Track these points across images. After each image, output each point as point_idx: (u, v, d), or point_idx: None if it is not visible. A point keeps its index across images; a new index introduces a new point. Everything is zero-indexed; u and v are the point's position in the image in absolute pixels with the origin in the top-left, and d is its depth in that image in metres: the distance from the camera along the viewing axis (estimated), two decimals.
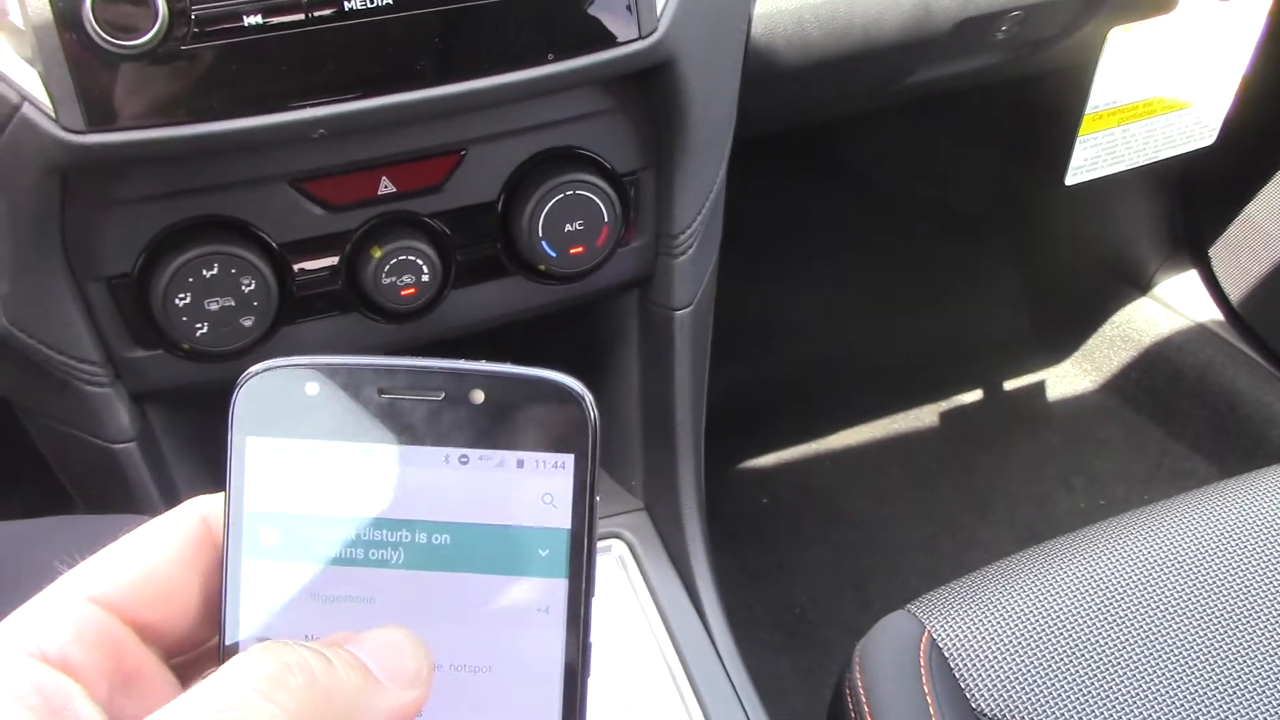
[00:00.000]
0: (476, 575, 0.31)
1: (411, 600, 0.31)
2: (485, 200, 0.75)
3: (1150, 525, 0.88)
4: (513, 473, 0.31)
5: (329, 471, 0.31)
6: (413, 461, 0.31)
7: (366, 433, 0.31)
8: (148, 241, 0.68)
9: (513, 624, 0.31)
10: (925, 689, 0.80)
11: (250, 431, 0.31)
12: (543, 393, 0.31)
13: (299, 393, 0.31)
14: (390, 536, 0.31)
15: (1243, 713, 0.79)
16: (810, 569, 1.47)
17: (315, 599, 0.31)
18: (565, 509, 0.31)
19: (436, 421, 0.31)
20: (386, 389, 0.31)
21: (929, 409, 1.67)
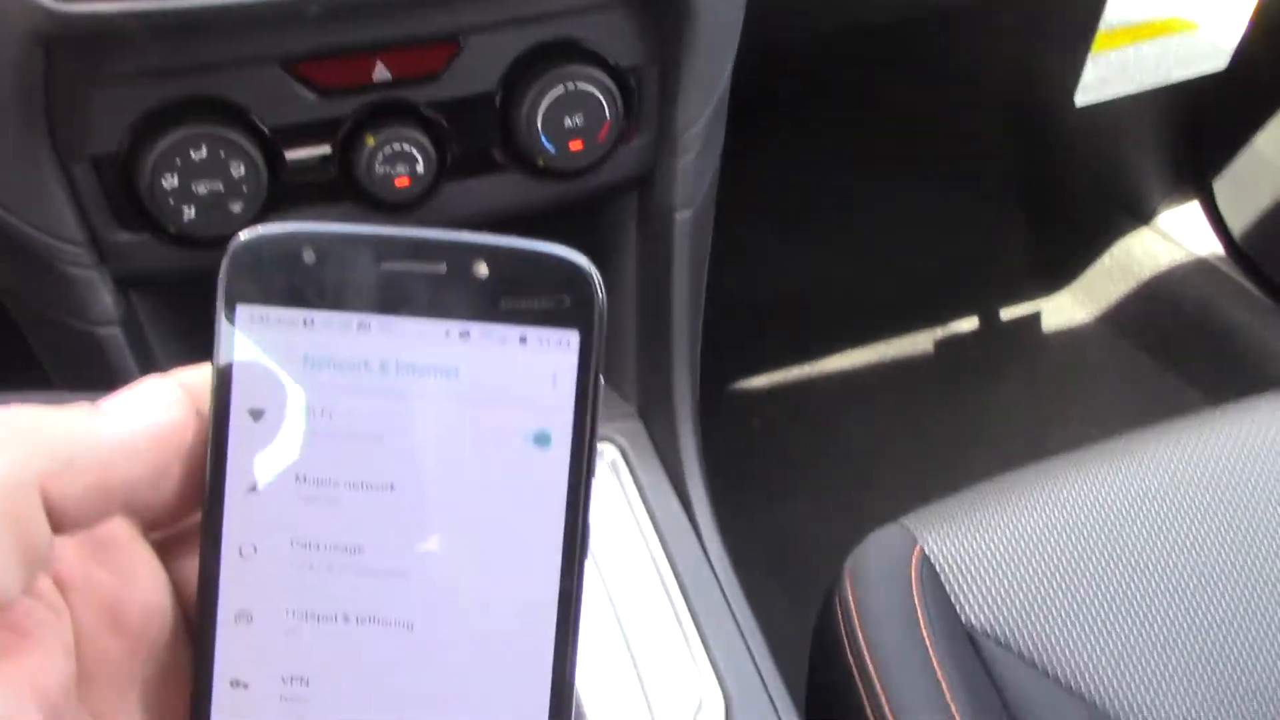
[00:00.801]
0: (474, 450, 0.30)
1: (405, 474, 0.30)
2: (484, 91, 0.73)
3: (1145, 449, 0.88)
4: (515, 348, 0.30)
5: (323, 343, 0.30)
6: (411, 334, 0.30)
7: (363, 304, 0.30)
8: (134, 120, 0.66)
9: (510, 503, 0.30)
10: (915, 601, 0.80)
11: (241, 298, 0.30)
12: (549, 268, 0.30)
13: (294, 260, 0.30)
14: (385, 409, 0.30)
15: (1232, 633, 0.79)
16: (802, 491, 1.47)
17: (303, 475, 0.30)
18: (569, 388, 0.30)
19: (437, 294, 0.30)
20: (386, 259, 0.30)
21: (924, 335, 1.66)
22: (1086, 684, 0.77)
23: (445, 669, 0.31)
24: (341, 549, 0.30)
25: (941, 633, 0.78)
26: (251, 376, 0.30)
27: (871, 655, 0.78)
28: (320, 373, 0.30)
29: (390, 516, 0.30)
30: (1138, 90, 1.10)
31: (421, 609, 0.31)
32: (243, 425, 0.30)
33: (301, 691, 0.31)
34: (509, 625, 0.31)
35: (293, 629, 0.31)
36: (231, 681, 0.31)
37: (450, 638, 0.31)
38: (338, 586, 0.30)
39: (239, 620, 0.30)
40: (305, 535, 0.30)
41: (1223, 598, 0.80)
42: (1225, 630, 0.79)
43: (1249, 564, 0.82)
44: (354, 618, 0.31)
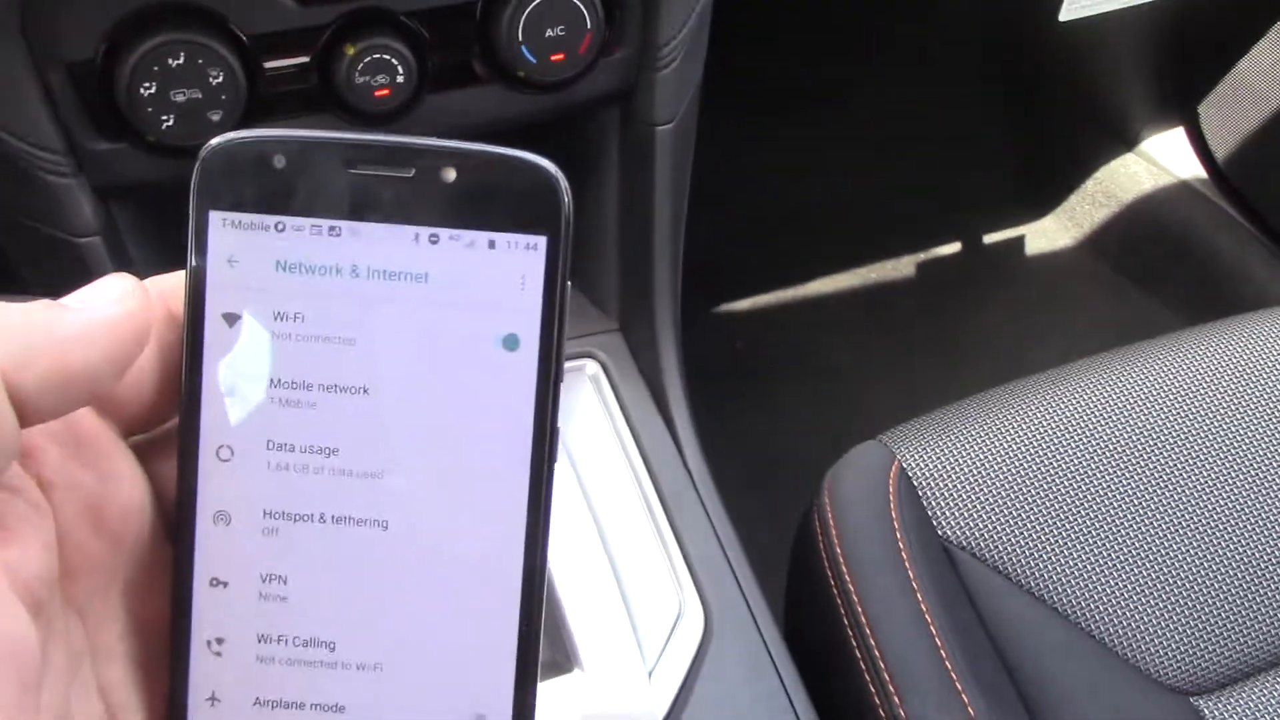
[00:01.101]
0: (444, 354, 0.31)
1: (377, 377, 0.31)
2: (464, 1, 0.73)
3: (1120, 365, 0.88)
4: (484, 252, 0.30)
5: (294, 248, 0.30)
6: (381, 239, 0.30)
7: (333, 209, 0.30)
8: (111, 26, 0.66)
9: (480, 405, 0.31)
10: (893, 515, 0.80)
11: (213, 204, 0.30)
12: (516, 172, 0.30)
13: (265, 166, 0.30)
14: (357, 313, 0.31)
15: (1201, 544, 0.81)
16: (783, 412, 1.48)
17: (278, 379, 0.31)
18: (537, 291, 0.31)
19: (407, 199, 0.30)
20: (355, 164, 0.30)
21: (907, 259, 1.66)
22: (1057, 595, 0.79)
23: (419, 566, 0.31)
24: (316, 451, 0.31)
25: (918, 545, 0.79)
26: (224, 282, 0.30)
27: (849, 567, 0.79)
28: (292, 278, 0.30)
29: (364, 418, 0.31)
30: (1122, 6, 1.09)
31: (395, 508, 0.31)
32: (217, 330, 0.30)
33: (279, 588, 0.31)
34: (480, 523, 0.31)
35: (270, 529, 0.31)
36: (211, 580, 0.31)
37: (424, 535, 0.31)
38: (313, 487, 0.31)
39: (217, 520, 0.31)
40: (281, 438, 0.31)
41: (1192, 509, 0.81)
42: (1194, 541, 0.81)
43: (1218, 476, 0.83)
44: (330, 517, 0.31)
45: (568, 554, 0.77)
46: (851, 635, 0.77)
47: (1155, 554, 0.80)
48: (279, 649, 0.31)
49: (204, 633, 0.31)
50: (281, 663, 0.31)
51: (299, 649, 0.31)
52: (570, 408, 0.85)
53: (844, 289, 1.63)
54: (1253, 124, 1.52)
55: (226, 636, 0.31)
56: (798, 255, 1.65)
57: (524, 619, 0.32)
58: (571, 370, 0.88)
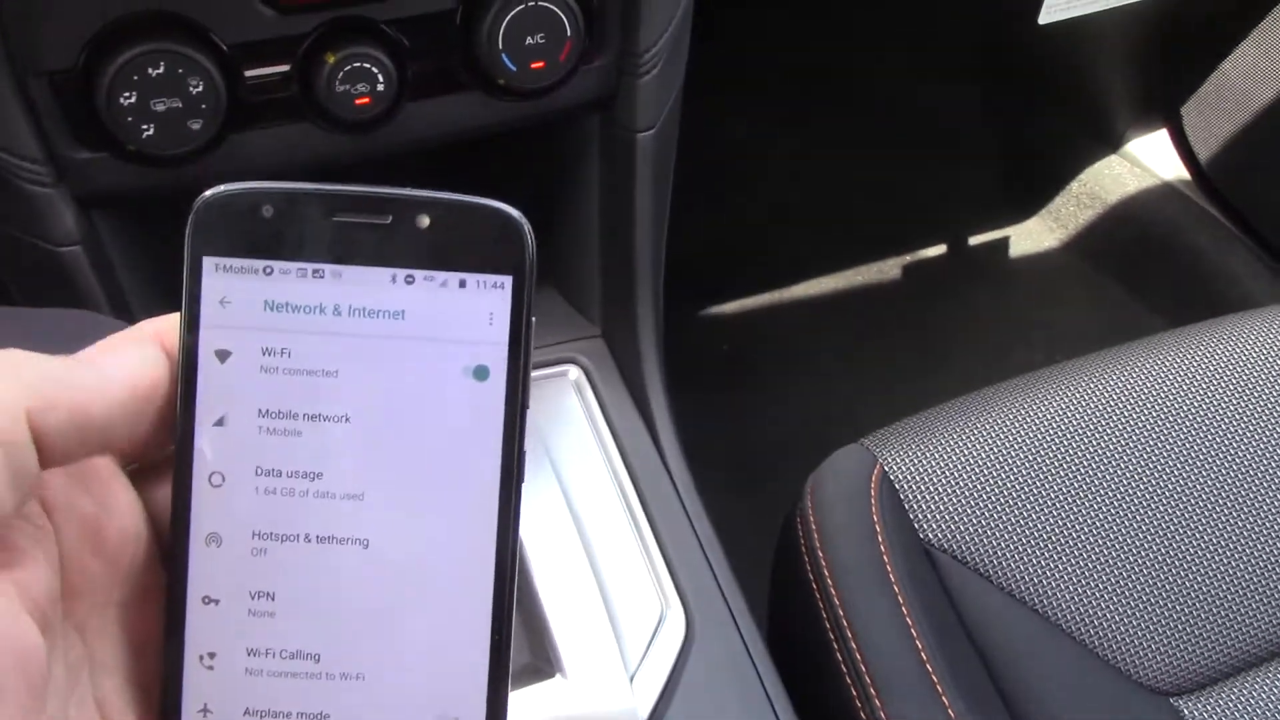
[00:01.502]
0: (420, 384, 0.33)
1: (358, 406, 0.33)
2: (444, 9, 0.73)
3: (1101, 368, 0.89)
4: (455, 291, 0.33)
5: (281, 289, 0.33)
6: (362, 280, 0.33)
7: (318, 253, 0.33)
8: (91, 36, 0.66)
9: (453, 431, 0.34)
10: (874, 518, 0.81)
11: (206, 251, 0.33)
12: (484, 219, 0.33)
13: (254, 215, 0.33)
14: (339, 349, 0.33)
15: (1180, 546, 0.81)
16: (768, 414, 1.48)
17: (266, 410, 0.33)
18: (504, 326, 0.33)
19: (384, 243, 0.33)
20: (337, 212, 0.33)
21: (892, 261, 1.67)
22: (1038, 597, 0.79)
23: (398, 580, 0.34)
24: (302, 475, 0.33)
25: (899, 548, 0.80)
26: (217, 322, 0.33)
27: (831, 571, 0.80)
28: (280, 316, 0.33)
29: (346, 445, 0.33)
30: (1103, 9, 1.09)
31: (375, 528, 0.33)
32: (210, 366, 0.33)
33: (267, 605, 0.33)
34: (455, 539, 0.34)
35: (259, 549, 0.33)
36: (203, 598, 0.33)
37: (402, 552, 0.34)
38: (299, 509, 0.33)
39: (209, 542, 0.33)
40: (269, 464, 0.33)
41: (1173, 510, 0.82)
42: (1175, 542, 0.81)
43: (1199, 477, 0.83)
44: (314, 537, 0.33)
45: (550, 559, 0.77)
46: (833, 638, 0.78)
47: (1136, 555, 0.81)
48: (267, 662, 0.34)
49: (196, 648, 0.33)
50: (270, 675, 0.34)
51: (286, 661, 0.34)
52: (553, 413, 0.85)
53: (830, 291, 1.63)
54: (1235, 125, 1.53)
55: (218, 651, 0.33)
56: (784, 257, 1.66)
57: (495, 627, 0.34)
58: (554, 376, 0.88)
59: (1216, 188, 1.58)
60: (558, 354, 0.89)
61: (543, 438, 0.83)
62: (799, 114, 1.66)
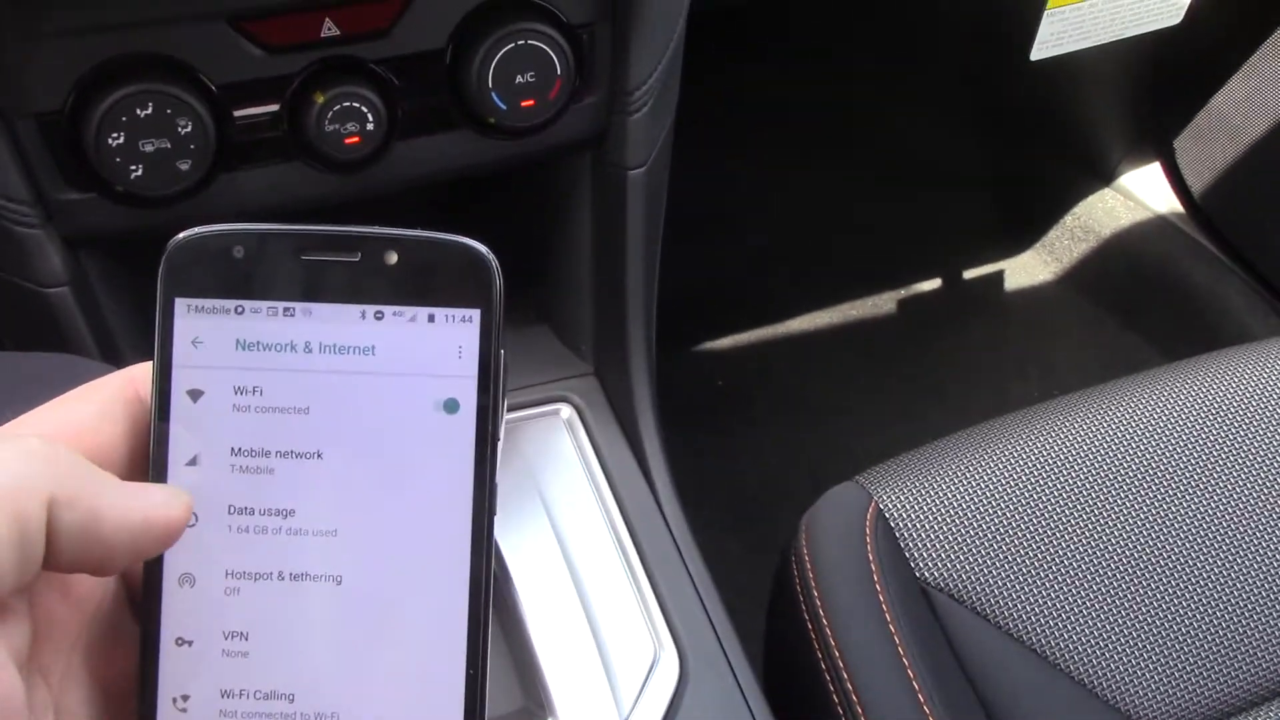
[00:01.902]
0: (391, 418, 0.34)
1: (330, 442, 0.33)
2: (433, 48, 0.73)
3: (1096, 404, 0.88)
4: (424, 326, 0.34)
5: (253, 328, 0.33)
6: (332, 317, 0.33)
7: (288, 292, 0.33)
8: (79, 78, 0.66)
9: (425, 464, 0.34)
10: (870, 557, 0.80)
11: (178, 292, 0.33)
12: (451, 254, 0.34)
13: (225, 256, 0.33)
14: (310, 385, 0.33)
15: (1179, 584, 0.80)
16: (763, 451, 1.48)
17: (238, 448, 0.33)
18: (473, 359, 0.34)
19: (354, 281, 0.33)
20: (307, 251, 0.33)
21: (887, 296, 1.67)
22: (1036, 636, 0.78)
23: (372, 616, 0.34)
24: (275, 513, 0.33)
25: (895, 587, 0.79)
26: (189, 361, 0.33)
27: (826, 610, 0.79)
28: (251, 355, 0.33)
29: (318, 481, 0.33)
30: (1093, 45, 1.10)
31: (349, 564, 0.34)
32: (182, 405, 0.33)
33: (241, 644, 0.33)
34: (428, 573, 0.34)
35: (232, 588, 0.33)
36: (177, 640, 0.33)
37: (376, 588, 0.34)
38: (272, 547, 0.33)
39: (183, 583, 0.33)
40: (241, 502, 0.33)
41: (1172, 548, 0.81)
42: (1174, 580, 0.80)
43: (1198, 514, 0.83)
44: (288, 575, 0.33)
45: (542, 599, 0.76)
46: (828, 678, 0.77)
47: (1135, 593, 0.80)
48: (241, 703, 0.33)
49: (170, 690, 0.33)
50: (244, 716, 0.33)
51: (260, 701, 0.33)
52: (545, 452, 0.85)
53: (825, 325, 1.63)
54: (1228, 158, 1.53)
55: (191, 693, 0.33)
56: (778, 292, 1.66)
57: (470, 662, 0.34)
58: (546, 414, 0.88)
59: (1210, 220, 1.58)
60: (550, 392, 0.88)
61: (535, 477, 0.83)
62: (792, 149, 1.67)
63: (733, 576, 0.88)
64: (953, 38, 1.62)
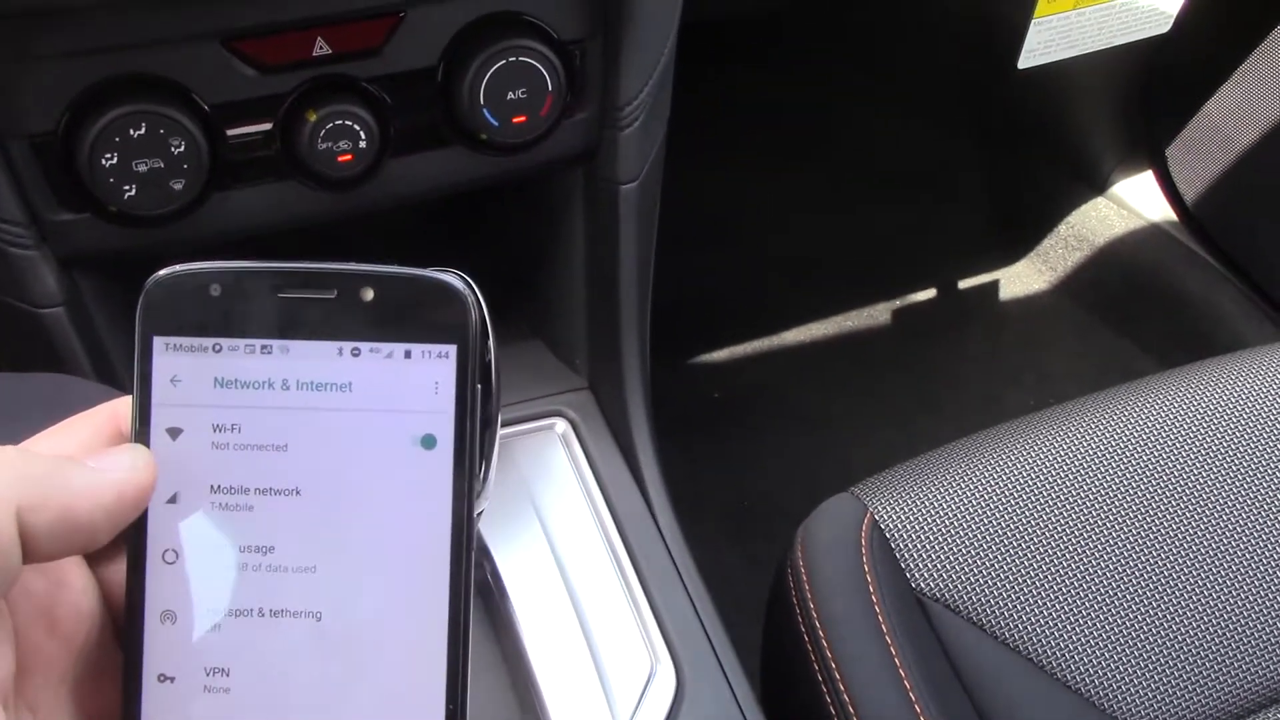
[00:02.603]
0: (368, 454, 0.34)
1: (309, 479, 0.34)
2: (425, 66, 0.73)
3: (1091, 412, 0.89)
4: (401, 362, 0.34)
5: (230, 366, 0.34)
6: (309, 354, 0.34)
7: (265, 329, 0.34)
8: (72, 99, 0.66)
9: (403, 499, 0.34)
10: (866, 568, 0.80)
11: (156, 331, 0.33)
12: (427, 290, 0.34)
13: (202, 294, 0.33)
14: (288, 422, 0.34)
15: (1175, 591, 0.80)
16: (759, 462, 1.48)
17: (217, 485, 0.34)
18: (449, 394, 0.34)
19: (330, 318, 0.34)
20: (283, 288, 0.34)
21: (882, 306, 1.67)
22: (1033, 646, 0.79)
23: (352, 652, 0.34)
24: (254, 549, 0.34)
25: (891, 598, 0.79)
26: (167, 400, 0.34)
27: (822, 621, 0.79)
28: (229, 392, 0.34)
29: (297, 518, 0.34)
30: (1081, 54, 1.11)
31: (328, 600, 0.34)
32: (161, 443, 0.34)
33: (222, 681, 0.34)
34: (407, 608, 0.34)
35: (213, 624, 0.34)
36: (159, 676, 0.34)
37: (355, 623, 0.34)
38: (252, 584, 0.34)
39: (164, 620, 0.34)
40: (221, 539, 0.34)
41: (1169, 557, 0.81)
42: (1172, 589, 0.81)
43: (1194, 522, 0.83)
44: (267, 611, 0.34)
45: (537, 615, 0.76)
46: (825, 690, 0.77)
47: (1131, 601, 0.80)
48: None
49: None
50: None
51: None
52: (540, 466, 0.85)
53: (820, 336, 1.63)
54: (1220, 166, 1.54)
55: None
56: (774, 303, 1.66)
57: (449, 696, 0.34)
58: (541, 429, 0.88)
59: (1203, 228, 1.59)
60: (544, 407, 0.88)
61: (530, 491, 0.83)
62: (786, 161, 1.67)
63: (729, 588, 0.88)
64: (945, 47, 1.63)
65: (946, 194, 1.77)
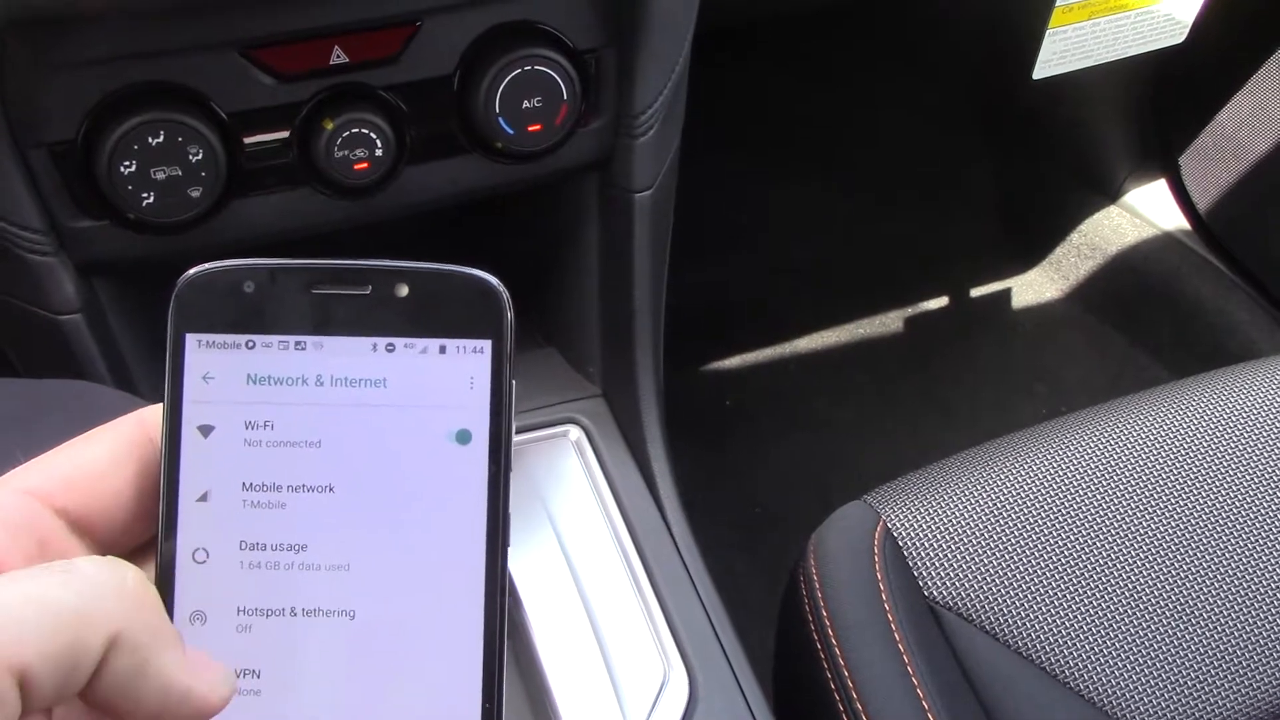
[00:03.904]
0: (403, 450, 0.33)
1: (342, 476, 0.33)
2: (441, 74, 0.74)
3: (1104, 421, 0.88)
4: (435, 357, 0.34)
5: (263, 362, 0.33)
6: (343, 350, 0.33)
7: (299, 326, 0.33)
8: (91, 107, 0.67)
9: (438, 496, 0.34)
10: (878, 576, 0.80)
11: (188, 328, 0.33)
12: (461, 285, 0.34)
13: (235, 291, 0.33)
14: (322, 419, 0.33)
15: (1190, 602, 0.80)
16: (771, 470, 1.48)
17: (250, 483, 0.33)
18: (484, 390, 0.34)
19: (364, 314, 0.33)
20: (317, 285, 0.33)
21: (894, 314, 1.67)
22: (1046, 655, 0.78)
23: (385, 651, 0.33)
24: (287, 548, 0.33)
25: (904, 607, 0.79)
26: (200, 397, 0.33)
27: (835, 630, 0.79)
28: (262, 389, 0.33)
29: (330, 515, 0.33)
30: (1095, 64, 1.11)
31: (362, 598, 0.33)
32: (193, 441, 0.33)
33: (254, 683, 0.33)
34: (443, 607, 0.33)
35: (244, 625, 0.33)
36: None
37: (389, 622, 0.33)
38: (284, 583, 0.33)
39: (194, 620, 0.33)
40: (253, 537, 0.33)
41: (1183, 566, 0.81)
42: (1186, 598, 0.80)
43: (1207, 532, 0.83)
44: (300, 610, 0.33)
45: (551, 621, 0.77)
46: (838, 699, 0.77)
47: (1146, 612, 0.80)
48: None
49: None
50: None
51: None
52: (553, 473, 0.85)
53: (832, 344, 1.63)
54: (1233, 175, 1.54)
55: None
56: (784, 311, 1.66)
57: (485, 695, 0.33)
58: (555, 436, 0.88)
59: (1216, 237, 1.59)
60: (558, 414, 0.89)
61: (543, 498, 0.83)
62: (798, 168, 1.68)
63: (741, 596, 0.89)
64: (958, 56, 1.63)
65: (959, 202, 1.77)
